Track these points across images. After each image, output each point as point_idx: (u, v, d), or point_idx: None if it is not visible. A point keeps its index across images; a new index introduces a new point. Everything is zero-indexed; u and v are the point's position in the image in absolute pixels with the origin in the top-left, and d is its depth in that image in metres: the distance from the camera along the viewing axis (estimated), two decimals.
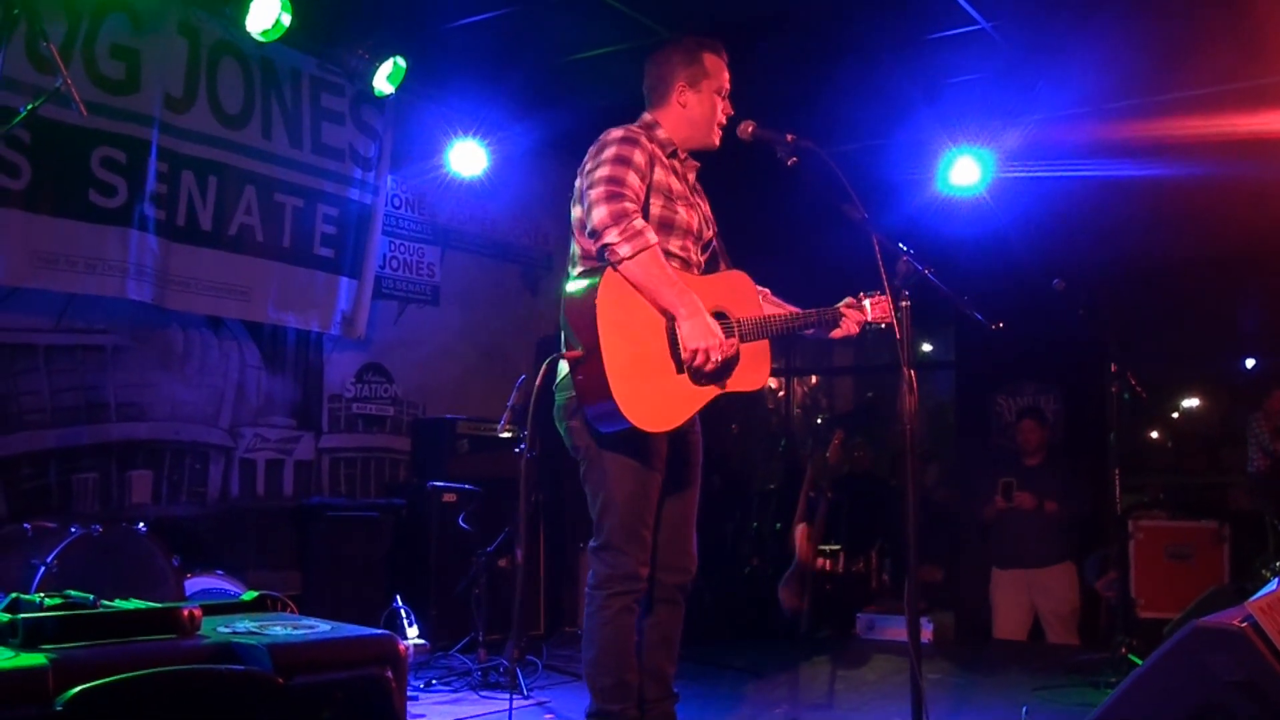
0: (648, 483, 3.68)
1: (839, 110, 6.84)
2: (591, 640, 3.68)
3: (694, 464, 3.92)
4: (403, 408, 7.27)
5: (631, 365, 3.49)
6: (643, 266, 3.51)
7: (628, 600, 3.66)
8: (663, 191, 3.74)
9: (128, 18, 5.66)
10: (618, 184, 3.55)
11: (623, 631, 3.66)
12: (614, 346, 3.47)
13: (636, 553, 3.66)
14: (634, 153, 3.64)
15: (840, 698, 5.76)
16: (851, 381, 11.57)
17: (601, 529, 3.70)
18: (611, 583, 3.65)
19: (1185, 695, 2.79)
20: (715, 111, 3.89)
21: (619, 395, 3.43)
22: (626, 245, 3.48)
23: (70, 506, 5.49)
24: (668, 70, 3.89)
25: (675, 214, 3.76)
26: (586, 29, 6.36)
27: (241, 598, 3.02)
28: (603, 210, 3.50)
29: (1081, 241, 7.52)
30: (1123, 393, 5.96)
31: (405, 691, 2.63)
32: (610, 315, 3.49)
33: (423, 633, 5.99)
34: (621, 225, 3.48)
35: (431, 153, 7.26)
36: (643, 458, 3.65)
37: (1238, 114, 6.54)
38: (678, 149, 3.87)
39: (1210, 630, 2.80)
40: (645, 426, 3.49)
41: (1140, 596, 7.14)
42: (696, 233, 3.85)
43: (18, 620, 2.26)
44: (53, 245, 5.37)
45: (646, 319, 3.56)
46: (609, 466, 3.66)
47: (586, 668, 3.71)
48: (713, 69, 3.89)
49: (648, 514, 3.70)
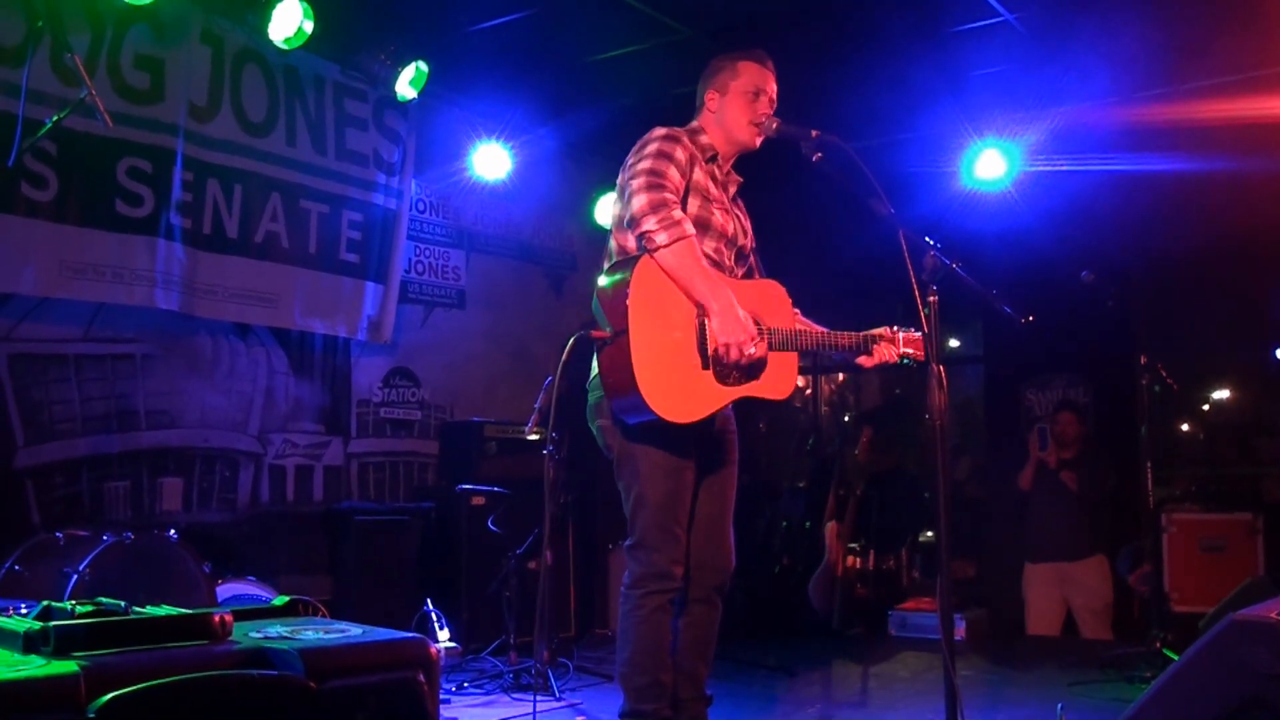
0: (679, 480, 3.68)
1: (863, 104, 6.81)
2: (626, 640, 3.67)
3: (729, 462, 3.92)
4: (430, 411, 7.28)
5: (657, 353, 3.50)
6: (678, 256, 3.53)
7: (662, 599, 3.65)
8: (700, 192, 3.78)
9: (151, 28, 5.68)
10: (658, 175, 3.59)
11: (658, 631, 3.65)
12: (642, 330, 3.49)
13: (670, 550, 3.65)
14: (675, 149, 3.70)
15: (873, 696, 5.74)
16: (878, 378, 11.51)
17: (634, 527, 3.70)
18: (645, 581, 3.65)
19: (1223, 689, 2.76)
20: (745, 112, 3.89)
21: (642, 380, 3.44)
22: (664, 233, 3.51)
23: (102, 514, 5.52)
24: (703, 80, 3.99)
25: (711, 215, 3.79)
26: (608, 29, 6.35)
27: (273, 603, 3.03)
28: (642, 199, 3.54)
29: (1109, 233, 7.46)
30: (1153, 385, 5.91)
31: (437, 694, 2.63)
32: (642, 300, 3.51)
33: (454, 635, 5.99)
34: (660, 214, 3.51)
35: (455, 156, 7.27)
36: (673, 454, 3.65)
37: (1265, 100, 6.47)
38: (718, 154, 3.92)
39: (1247, 623, 2.77)
40: (667, 416, 3.48)
41: (1174, 590, 7.07)
42: (731, 238, 3.87)
43: (49, 628, 2.27)
44: (81, 256, 5.41)
45: (678, 310, 3.58)
46: (639, 463, 3.67)
47: (621, 667, 3.70)
48: (745, 72, 3.92)
49: (680, 512, 3.69)
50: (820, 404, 10.82)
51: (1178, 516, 7.25)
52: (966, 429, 9.92)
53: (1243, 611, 2.83)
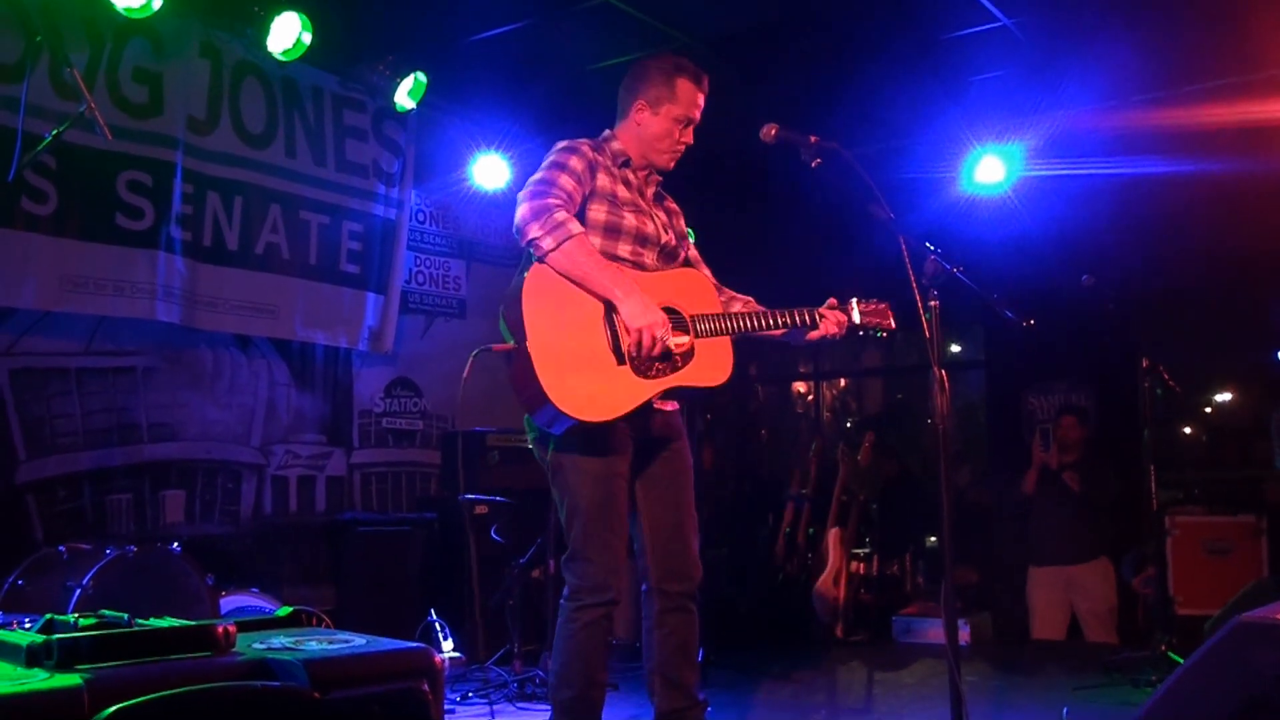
0: (610, 487, 3.57)
1: (861, 111, 6.81)
2: (558, 653, 3.58)
3: (678, 469, 3.78)
4: (432, 421, 7.28)
5: (562, 357, 3.40)
6: (568, 255, 3.45)
7: (596, 613, 3.54)
8: (606, 197, 3.69)
9: (149, 41, 5.70)
10: (544, 184, 3.56)
11: (589, 645, 3.54)
12: (541, 339, 3.39)
13: (605, 560, 3.54)
14: (570, 158, 3.65)
15: (878, 702, 5.73)
16: (880, 383, 11.50)
17: (569, 538, 3.60)
18: (579, 594, 3.55)
19: (1230, 692, 2.75)
20: (669, 138, 3.79)
21: (548, 386, 3.35)
22: (549, 237, 3.45)
23: (105, 528, 5.52)
24: (634, 85, 3.85)
25: (622, 219, 3.70)
26: (606, 38, 6.36)
27: (276, 614, 3.02)
28: (524, 207, 3.51)
29: (1109, 237, 7.45)
30: (1155, 388, 5.90)
31: (442, 704, 2.62)
32: (537, 307, 3.43)
33: (458, 645, 5.99)
34: (542, 219, 3.46)
35: (454, 166, 7.28)
36: (602, 461, 3.55)
37: (1264, 103, 6.48)
38: (631, 160, 3.82)
39: (1254, 625, 2.75)
40: (584, 417, 3.38)
41: (1179, 593, 7.05)
42: (652, 238, 3.76)
43: (53, 641, 2.26)
44: (81, 269, 5.41)
45: (581, 311, 3.48)
46: (568, 473, 3.57)
47: (550, 679, 3.63)
48: (682, 95, 3.78)
49: (614, 520, 3.58)
50: (823, 410, 10.82)
51: (1181, 519, 7.24)
52: (968, 434, 9.91)
53: (1248, 614, 2.82)
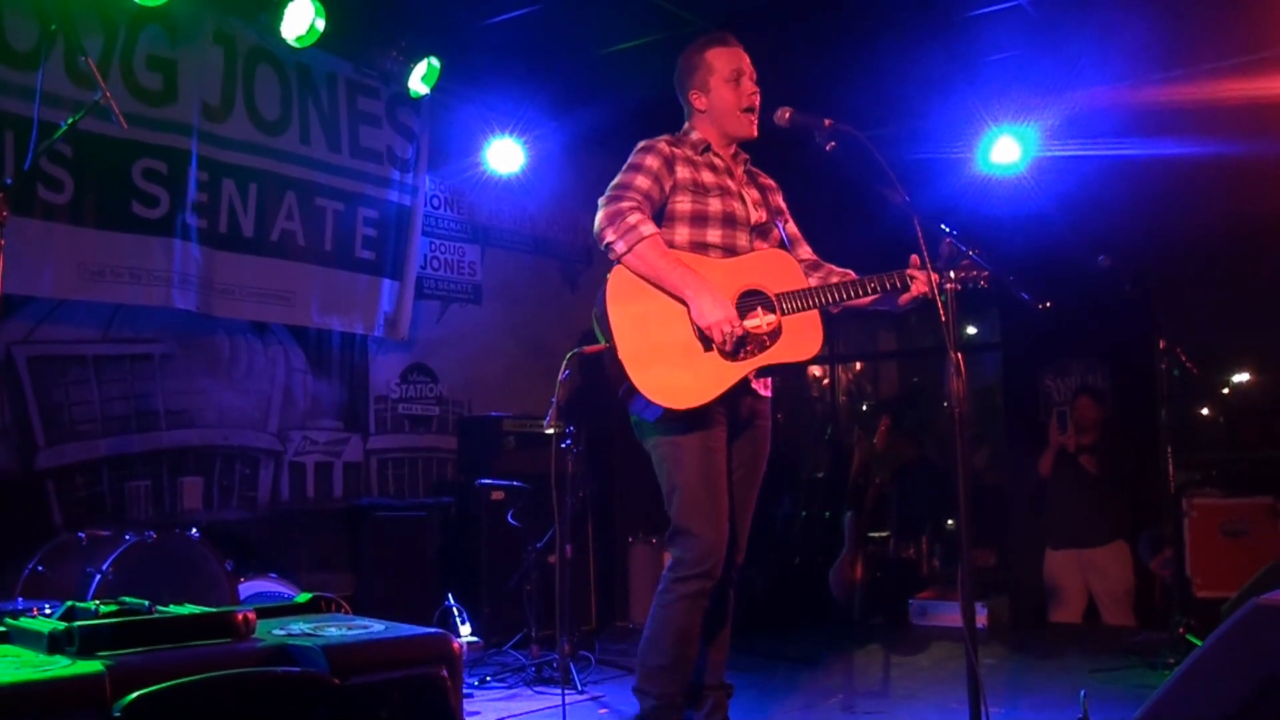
0: (711, 462, 3.70)
1: (876, 92, 6.78)
2: (652, 619, 3.69)
3: (758, 455, 3.95)
4: (448, 407, 7.29)
5: (649, 351, 3.60)
6: (641, 258, 3.64)
7: (694, 586, 3.63)
8: (688, 188, 3.83)
9: (163, 29, 5.70)
10: (620, 188, 3.74)
11: (685, 616, 3.64)
12: (628, 337, 3.61)
13: (707, 534, 3.64)
14: (645, 159, 3.80)
15: (896, 685, 5.73)
16: (896, 366, 11.48)
17: (671, 515, 3.72)
18: (680, 566, 3.66)
19: (1247, 674, 2.74)
20: (733, 99, 3.92)
21: (638, 381, 3.56)
22: (621, 241, 3.64)
23: (123, 514, 5.55)
24: (682, 83, 4.03)
25: (707, 206, 3.82)
26: (620, 21, 6.35)
27: (295, 600, 3.04)
28: (601, 213, 3.72)
29: (1125, 217, 7.41)
30: (1172, 369, 5.88)
31: (460, 689, 2.63)
32: (621, 308, 3.64)
33: (475, 630, 6.01)
34: (615, 224, 3.64)
35: (469, 152, 7.27)
36: (699, 437, 3.68)
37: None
38: (712, 145, 3.94)
39: (1271, 608, 2.75)
40: (675, 405, 3.57)
41: (1196, 575, 7.02)
42: (741, 219, 3.88)
43: (74, 628, 2.28)
44: (98, 257, 5.43)
45: (664, 306, 3.66)
46: (667, 451, 3.72)
47: (641, 645, 3.72)
48: (716, 61, 3.95)
49: (716, 494, 3.70)
50: (838, 393, 10.80)
51: (1199, 501, 7.20)
52: (985, 416, 9.89)
53: (1266, 596, 2.81)
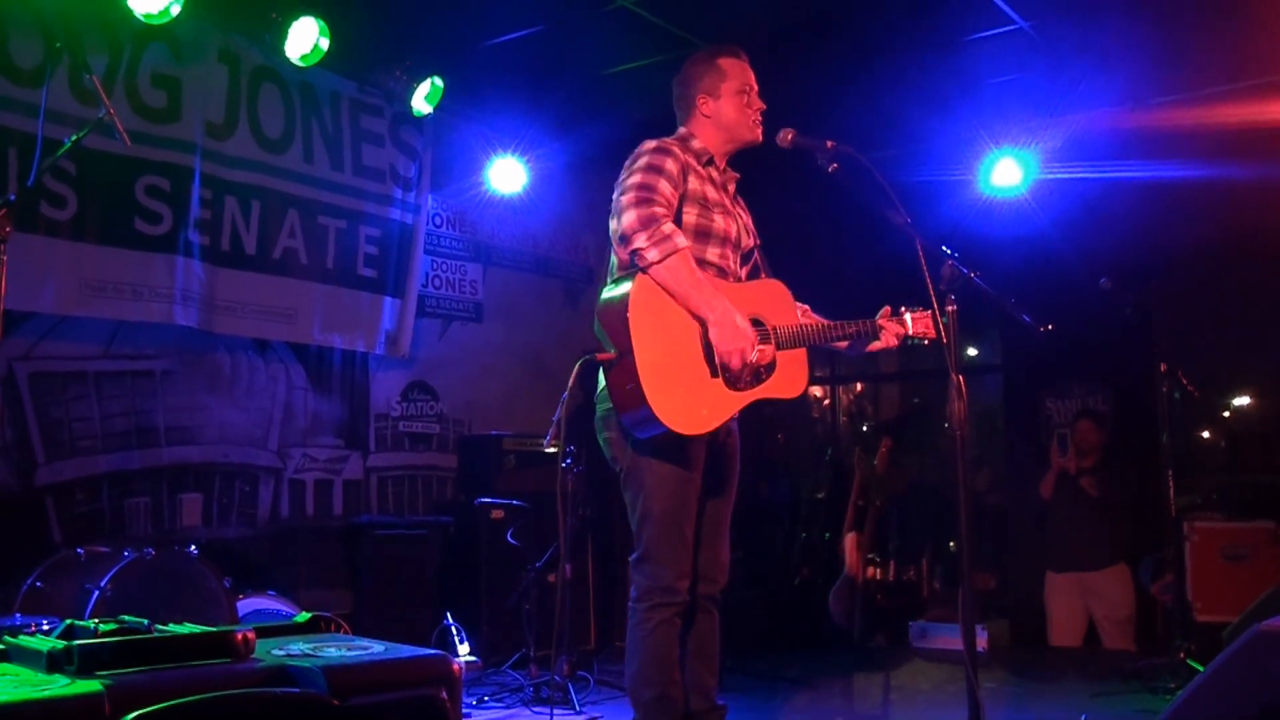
0: (686, 493, 3.65)
1: (878, 114, 6.80)
2: (633, 654, 3.66)
3: (731, 472, 3.90)
4: (449, 425, 7.29)
5: (664, 368, 3.49)
6: (671, 271, 3.52)
7: (668, 613, 3.62)
8: (697, 200, 3.74)
9: (168, 47, 5.72)
10: (648, 190, 3.57)
11: (664, 644, 3.62)
12: (647, 349, 3.48)
13: (676, 564, 3.62)
14: (666, 161, 3.67)
15: (895, 708, 5.72)
16: (897, 387, 11.48)
17: (640, 541, 3.67)
18: (651, 595, 3.62)
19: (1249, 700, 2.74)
20: (743, 110, 3.90)
21: (652, 397, 3.43)
22: (655, 250, 3.49)
23: (123, 531, 5.55)
24: (688, 85, 3.96)
25: (712, 221, 3.76)
26: (622, 43, 6.36)
27: (295, 619, 3.03)
28: (632, 215, 3.53)
29: (1127, 240, 7.42)
30: (1173, 392, 5.87)
31: (460, 711, 2.62)
32: (643, 318, 3.50)
33: (474, 649, 6.00)
34: (650, 230, 3.50)
35: (471, 171, 7.29)
36: (681, 466, 3.63)
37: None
38: (714, 157, 3.88)
39: (1273, 633, 2.74)
40: (681, 429, 3.48)
41: (1197, 599, 7.00)
42: (735, 241, 3.85)
43: (74, 647, 2.28)
44: (100, 273, 5.44)
45: (680, 323, 3.57)
46: (646, 477, 3.64)
47: (629, 682, 3.70)
48: (730, 70, 3.91)
49: (686, 525, 3.66)
50: (839, 414, 10.79)
51: (1200, 525, 7.19)
52: (986, 438, 9.89)
53: (1268, 622, 2.80)
